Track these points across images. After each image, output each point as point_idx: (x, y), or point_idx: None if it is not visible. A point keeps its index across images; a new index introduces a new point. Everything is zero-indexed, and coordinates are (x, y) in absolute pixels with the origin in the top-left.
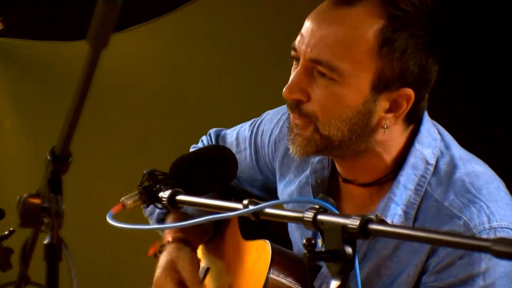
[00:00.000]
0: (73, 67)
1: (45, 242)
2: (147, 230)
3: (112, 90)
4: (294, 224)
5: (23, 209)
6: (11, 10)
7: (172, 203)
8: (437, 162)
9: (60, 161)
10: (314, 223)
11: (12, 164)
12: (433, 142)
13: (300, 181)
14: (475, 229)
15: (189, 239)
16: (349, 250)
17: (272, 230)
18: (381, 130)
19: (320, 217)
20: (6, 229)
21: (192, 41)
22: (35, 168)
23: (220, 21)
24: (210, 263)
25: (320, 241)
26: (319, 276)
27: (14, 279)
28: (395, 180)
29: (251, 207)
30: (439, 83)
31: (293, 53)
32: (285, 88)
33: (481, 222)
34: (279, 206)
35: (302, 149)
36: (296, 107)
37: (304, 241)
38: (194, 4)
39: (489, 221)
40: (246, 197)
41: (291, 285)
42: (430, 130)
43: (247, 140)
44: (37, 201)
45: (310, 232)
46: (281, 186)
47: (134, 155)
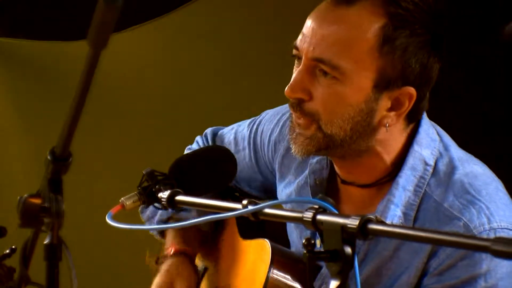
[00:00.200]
0: (73, 67)
1: (45, 242)
2: (147, 231)
3: (112, 90)
4: (293, 224)
5: (24, 209)
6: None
7: (172, 204)
8: (436, 163)
9: (60, 161)
10: (314, 223)
11: (12, 164)
12: (432, 143)
13: (299, 182)
14: (475, 230)
15: (191, 251)
16: (349, 250)
17: (270, 230)
18: (383, 129)
19: (320, 217)
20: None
21: (192, 41)
22: (35, 168)
23: (220, 21)
24: (208, 263)
25: (319, 242)
26: (319, 276)
27: (14, 280)
28: (394, 182)
29: (251, 207)
30: (440, 84)
31: (295, 52)
32: (287, 87)
33: (481, 223)
34: (279, 206)
35: (304, 148)
36: (298, 106)
37: (304, 241)
38: (194, 4)
39: (489, 222)
40: (244, 198)
41: (291, 284)
42: (429, 131)
43: (246, 140)
44: (38, 201)
45: (309, 232)
46: (281, 187)
47: (134, 155)
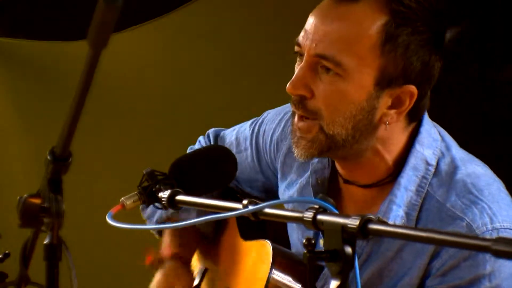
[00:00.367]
0: (73, 67)
1: (45, 242)
2: (147, 230)
3: (112, 90)
4: (294, 225)
5: (23, 209)
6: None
7: (172, 203)
8: (438, 163)
9: (60, 161)
10: (314, 223)
11: (12, 164)
12: (434, 143)
13: (302, 182)
14: (478, 230)
15: (187, 255)
16: (349, 250)
17: (271, 231)
18: (383, 127)
19: (320, 217)
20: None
21: (192, 41)
22: (35, 168)
23: (220, 21)
24: (208, 264)
25: (322, 241)
26: (322, 277)
27: (14, 279)
28: (396, 182)
29: (251, 207)
30: (441, 85)
31: (297, 49)
32: (289, 84)
33: (484, 223)
34: (279, 206)
35: (307, 152)
36: (300, 103)
37: (304, 241)
38: (194, 4)
39: (492, 222)
40: (245, 198)
41: (293, 285)
42: (430, 131)
43: (248, 140)
44: (37, 201)
45: (311, 232)
46: (283, 187)
47: (134, 155)
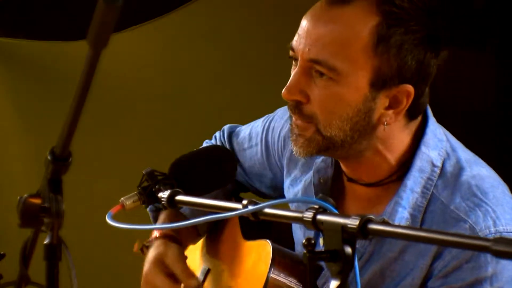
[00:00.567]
0: (73, 67)
1: (45, 242)
2: (147, 230)
3: (112, 90)
4: (297, 224)
5: (23, 209)
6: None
7: (172, 204)
8: (443, 164)
9: (60, 161)
10: (314, 223)
11: (12, 164)
12: (439, 144)
13: (306, 180)
14: (481, 233)
15: (177, 237)
16: (349, 250)
17: (275, 230)
18: (382, 127)
19: (320, 217)
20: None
21: (192, 41)
22: (35, 168)
23: (220, 21)
24: (211, 264)
25: (322, 241)
26: (323, 276)
27: (14, 279)
28: (402, 184)
29: (250, 207)
30: (442, 86)
31: (291, 53)
32: (284, 89)
33: (487, 226)
34: (279, 206)
35: (305, 150)
36: (296, 108)
37: (304, 241)
38: (194, 4)
39: (495, 225)
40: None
41: (292, 285)
42: (436, 132)
43: (259, 136)
44: (37, 201)
45: (312, 232)
46: (287, 183)
47: (134, 155)
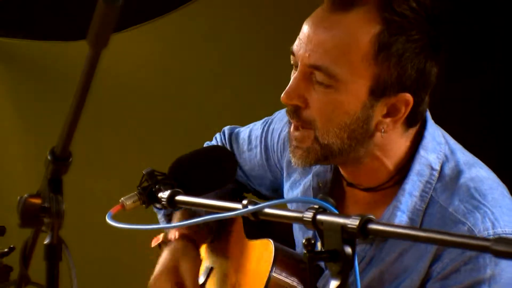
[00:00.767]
0: (73, 67)
1: (45, 242)
2: (147, 230)
3: (112, 90)
4: (298, 227)
5: (24, 209)
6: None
7: (172, 204)
8: (442, 167)
9: (60, 161)
10: (314, 223)
11: (12, 164)
12: (438, 147)
13: (305, 184)
14: (479, 235)
15: (195, 237)
16: (349, 250)
17: (276, 230)
18: (379, 134)
19: (320, 217)
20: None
21: (192, 41)
22: (35, 168)
23: (220, 21)
24: (214, 263)
25: (320, 244)
26: (323, 276)
27: (14, 279)
28: (401, 188)
29: (250, 207)
30: (443, 87)
31: (292, 59)
32: (284, 94)
33: (485, 228)
34: (279, 206)
35: (303, 161)
36: (295, 113)
37: (304, 241)
38: (194, 4)
39: (493, 227)
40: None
41: (293, 284)
42: (434, 134)
43: (258, 138)
44: (38, 201)
45: (311, 233)
46: (287, 186)
47: (134, 155)
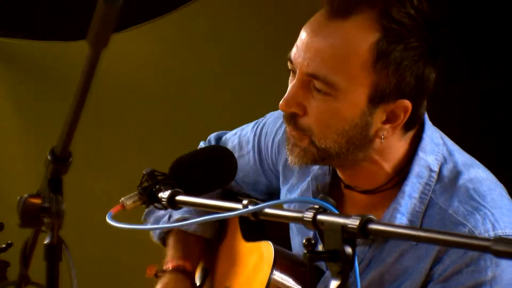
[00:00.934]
0: (73, 67)
1: (45, 242)
2: (147, 231)
3: (112, 90)
4: (296, 229)
5: (24, 209)
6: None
7: (172, 204)
8: (441, 169)
9: (60, 161)
10: (314, 223)
11: (12, 164)
12: (436, 148)
13: (303, 187)
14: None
15: (189, 268)
16: (349, 250)
17: (272, 236)
18: (379, 140)
19: (320, 217)
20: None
21: (192, 41)
22: (35, 168)
23: (220, 21)
24: (211, 265)
25: (321, 247)
26: (323, 280)
27: (14, 279)
28: (400, 191)
29: (251, 207)
30: (443, 89)
31: (289, 65)
32: (282, 101)
33: (486, 229)
34: (279, 206)
35: (300, 160)
36: (292, 120)
37: (304, 241)
38: (194, 4)
39: (494, 229)
40: (244, 199)
41: (293, 287)
42: (432, 136)
43: (250, 143)
44: (38, 201)
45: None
46: (284, 190)
47: (134, 155)
